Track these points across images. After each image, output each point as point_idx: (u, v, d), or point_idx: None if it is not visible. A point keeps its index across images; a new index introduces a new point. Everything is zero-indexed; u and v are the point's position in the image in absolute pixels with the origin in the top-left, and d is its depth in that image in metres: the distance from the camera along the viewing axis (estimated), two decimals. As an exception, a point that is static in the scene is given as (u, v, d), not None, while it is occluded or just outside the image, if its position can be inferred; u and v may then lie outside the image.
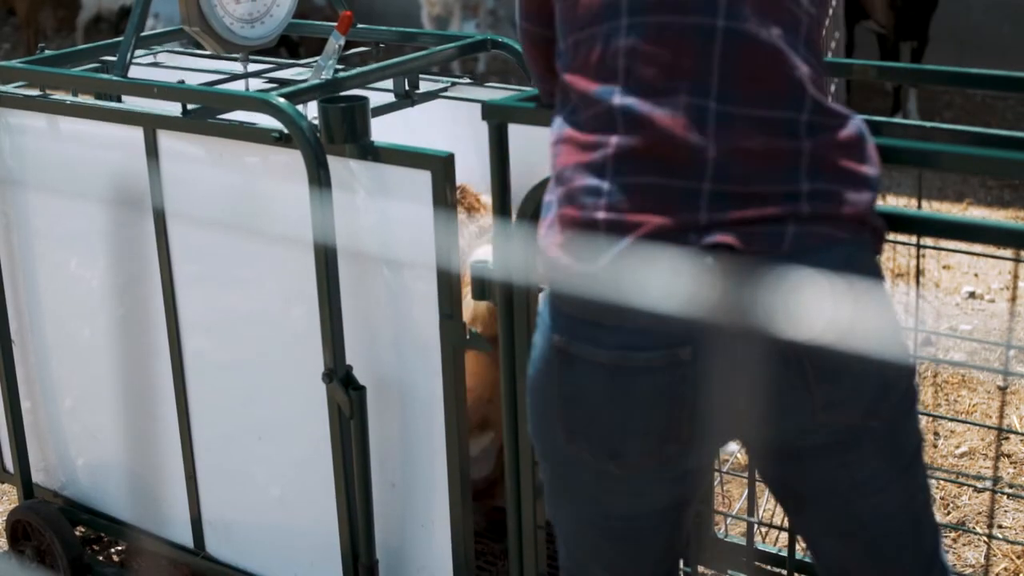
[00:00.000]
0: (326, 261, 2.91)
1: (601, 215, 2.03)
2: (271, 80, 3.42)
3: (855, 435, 2.13)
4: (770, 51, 2.07)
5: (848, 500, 2.20)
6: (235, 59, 3.60)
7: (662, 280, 1.91)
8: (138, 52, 3.62)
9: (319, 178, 2.84)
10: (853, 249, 2.05)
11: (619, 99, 2.07)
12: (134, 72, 3.40)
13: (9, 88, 3.63)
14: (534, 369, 2.18)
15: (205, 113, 3.14)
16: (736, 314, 1.92)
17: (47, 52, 3.72)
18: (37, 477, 3.90)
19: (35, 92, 3.57)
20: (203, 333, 3.35)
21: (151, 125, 3.21)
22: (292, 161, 2.91)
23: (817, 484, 2.20)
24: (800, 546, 2.92)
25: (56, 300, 3.70)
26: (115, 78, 3.31)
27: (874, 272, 2.09)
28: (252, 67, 3.50)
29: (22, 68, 3.57)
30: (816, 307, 1.83)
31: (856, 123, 2.12)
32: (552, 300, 2.13)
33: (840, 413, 2.10)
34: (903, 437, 2.19)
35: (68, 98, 3.54)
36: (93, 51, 3.85)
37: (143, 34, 3.53)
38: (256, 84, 3.41)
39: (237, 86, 3.38)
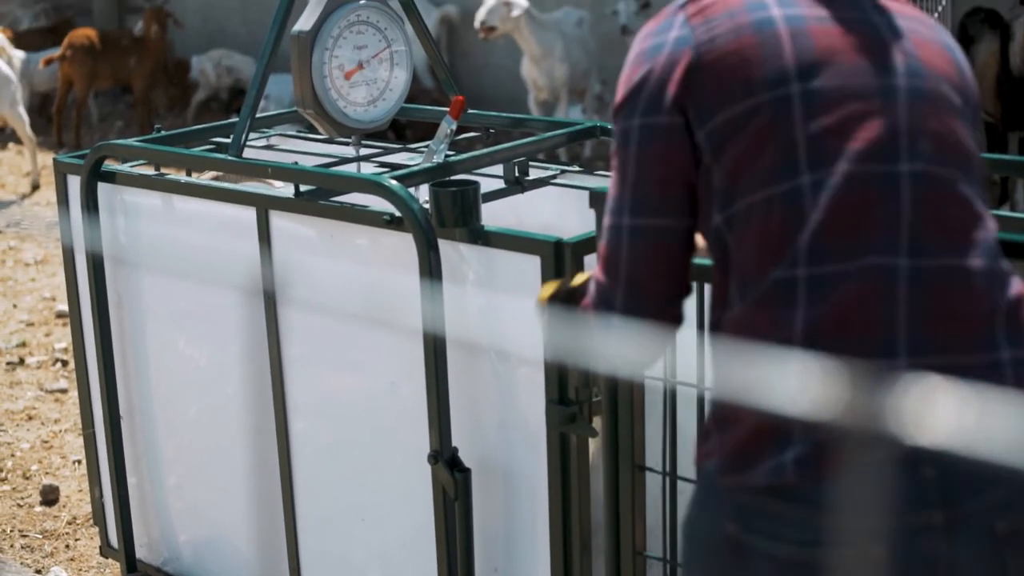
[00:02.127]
0: (435, 343, 2.92)
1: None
2: (382, 164, 3.46)
3: None
4: (954, 194, 1.96)
5: None
6: (347, 142, 3.64)
7: (859, 468, 1.77)
8: (251, 134, 3.67)
9: (429, 261, 2.85)
10: None
11: (803, 269, 1.90)
12: (248, 153, 3.46)
13: (126, 167, 3.70)
14: (695, 553, 2.01)
15: (318, 195, 3.18)
16: (934, 499, 1.80)
17: (162, 132, 3.79)
18: (140, 552, 3.93)
19: (150, 171, 3.63)
20: (309, 413, 3.37)
21: (264, 205, 3.25)
22: (402, 244, 2.93)
23: None
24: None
25: (164, 378, 3.74)
26: (230, 158, 3.36)
27: None
28: (363, 151, 3.54)
29: (139, 147, 3.63)
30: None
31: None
32: (723, 482, 1.93)
33: None
34: None
35: (182, 177, 3.60)
36: (207, 131, 3.91)
37: (257, 115, 3.58)
38: (368, 167, 3.45)
39: (349, 169, 3.42)
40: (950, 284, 1.91)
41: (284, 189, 3.29)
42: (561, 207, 3.50)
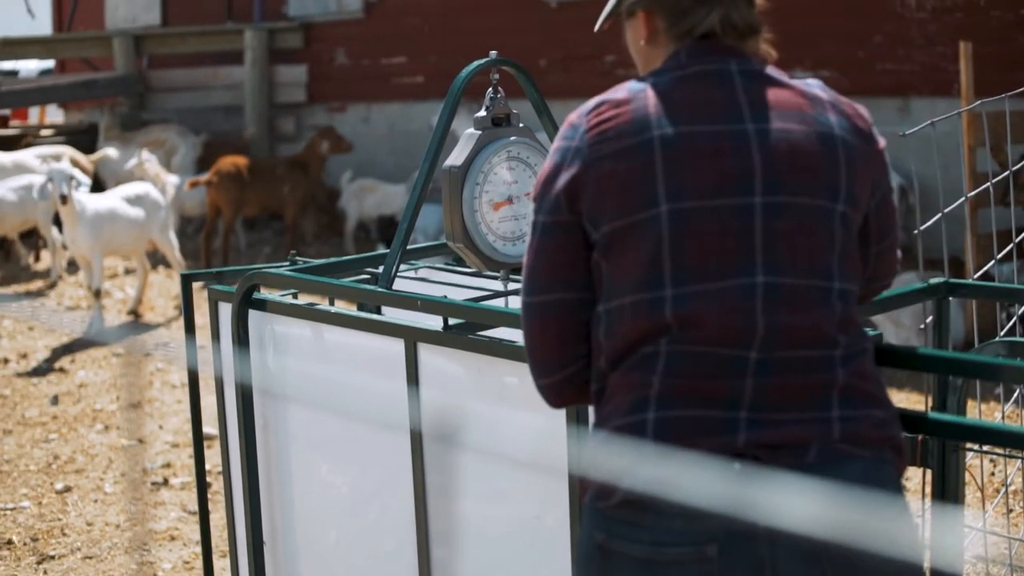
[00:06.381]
0: (580, 479, 2.91)
1: (648, 439, 2.26)
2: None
3: None
4: (808, 294, 2.30)
5: None
6: (495, 276, 3.67)
7: (693, 483, 2.07)
8: (401, 265, 3.72)
9: (576, 400, 2.85)
10: (872, 464, 2.27)
11: (664, 346, 2.30)
12: (397, 285, 3.50)
13: (276, 296, 3.77)
14: (577, 567, 2.40)
15: (466, 329, 3.20)
16: (760, 516, 2.02)
17: (311, 261, 3.85)
18: None
19: (295, 299, 3.69)
20: (451, 541, 3.37)
21: (412, 338, 3.28)
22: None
23: None
24: None
25: (307, 503, 3.77)
26: (380, 289, 3.41)
27: (891, 485, 2.30)
28: (511, 285, 3.57)
29: (291, 276, 3.69)
30: (832, 514, 1.91)
31: (870, 344, 2.38)
32: (594, 502, 2.32)
33: None
34: None
35: (332, 308, 3.65)
36: (357, 262, 3.97)
37: (408, 247, 3.63)
38: (516, 302, 3.47)
39: (497, 303, 3.44)
40: (786, 370, 2.29)
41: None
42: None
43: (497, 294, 3.53)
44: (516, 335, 3.13)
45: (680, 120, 2.32)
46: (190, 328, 3.99)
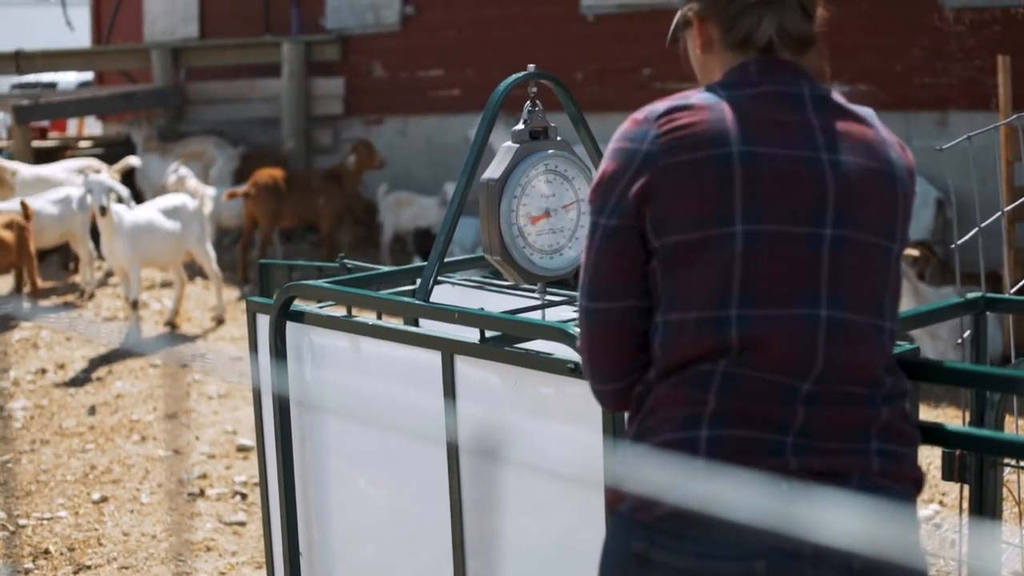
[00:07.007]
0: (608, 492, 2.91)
1: (699, 455, 2.27)
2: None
3: None
4: (864, 331, 2.34)
5: None
6: (532, 289, 3.67)
7: (744, 501, 2.14)
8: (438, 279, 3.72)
9: (612, 413, 2.85)
10: (904, 496, 2.35)
11: (723, 364, 2.31)
12: (434, 297, 3.51)
13: (314, 307, 3.78)
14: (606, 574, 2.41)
15: (502, 341, 3.21)
16: (808, 535, 2.02)
17: (360, 264, 3.85)
18: None
19: (338, 311, 3.70)
20: (487, 555, 3.38)
21: (449, 350, 3.29)
22: (586, 393, 2.94)
23: None
24: None
25: (344, 515, 3.77)
26: (417, 302, 3.42)
27: (914, 514, 2.43)
28: (549, 297, 3.57)
29: (328, 288, 3.70)
30: (874, 539, 2.01)
31: (909, 386, 2.44)
32: (632, 511, 2.33)
33: None
34: None
35: (370, 319, 3.65)
36: (394, 274, 3.98)
37: (445, 260, 3.63)
38: (553, 314, 3.47)
39: (534, 316, 3.45)
40: (834, 404, 2.33)
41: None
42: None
43: (534, 307, 3.53)
44: (553, 347, 3.14)
45: (757, 140, 2.31)
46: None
